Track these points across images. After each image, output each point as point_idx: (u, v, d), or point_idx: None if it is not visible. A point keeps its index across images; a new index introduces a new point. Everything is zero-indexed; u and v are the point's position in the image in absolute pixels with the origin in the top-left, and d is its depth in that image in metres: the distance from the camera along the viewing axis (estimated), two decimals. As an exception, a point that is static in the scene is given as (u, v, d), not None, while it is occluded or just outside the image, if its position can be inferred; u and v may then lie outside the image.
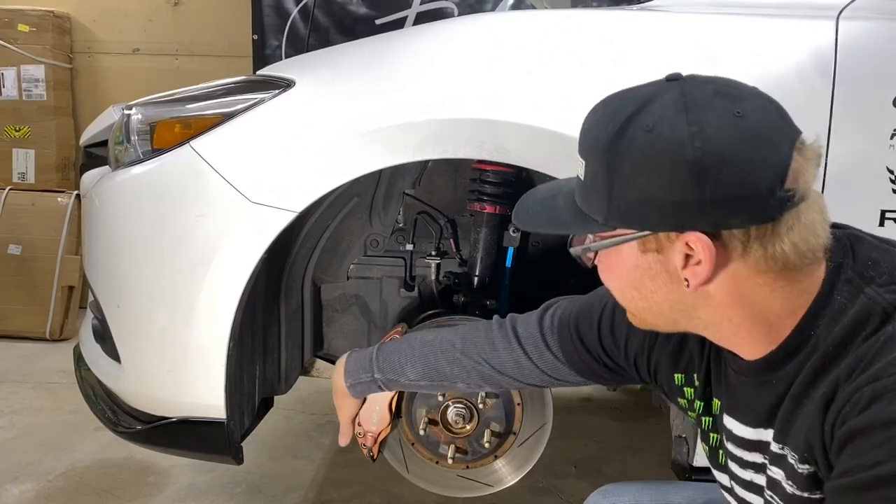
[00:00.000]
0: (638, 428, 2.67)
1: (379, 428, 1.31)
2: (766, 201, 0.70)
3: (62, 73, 3.85)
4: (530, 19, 1.41)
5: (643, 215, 0.74)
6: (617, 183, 0.74)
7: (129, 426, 1.53)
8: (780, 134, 0.72)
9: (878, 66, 1.26)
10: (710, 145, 0.70)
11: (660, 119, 0.72)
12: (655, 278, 0.78)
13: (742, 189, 0.70)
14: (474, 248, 1.63)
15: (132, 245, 1.43)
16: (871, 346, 0.71)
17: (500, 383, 1.16)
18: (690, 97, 0.73)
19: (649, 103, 0.74)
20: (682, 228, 0.73)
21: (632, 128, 0.73)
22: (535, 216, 0.88)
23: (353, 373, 1.23)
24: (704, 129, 0.70)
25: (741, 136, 0.70)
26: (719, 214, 0.71)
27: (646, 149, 0.72)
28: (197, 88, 1.47)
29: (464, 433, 1.46)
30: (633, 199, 0.74)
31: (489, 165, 1.54)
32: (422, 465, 1.48)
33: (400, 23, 3.51)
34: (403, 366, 1.19)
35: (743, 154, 0.70)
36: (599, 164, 0.76)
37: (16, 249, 3.57)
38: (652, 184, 0.72)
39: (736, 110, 0.72)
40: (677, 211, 0.72)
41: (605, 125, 0.76)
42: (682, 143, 0.70)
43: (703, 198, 0.70)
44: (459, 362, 1.15)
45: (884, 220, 1.25)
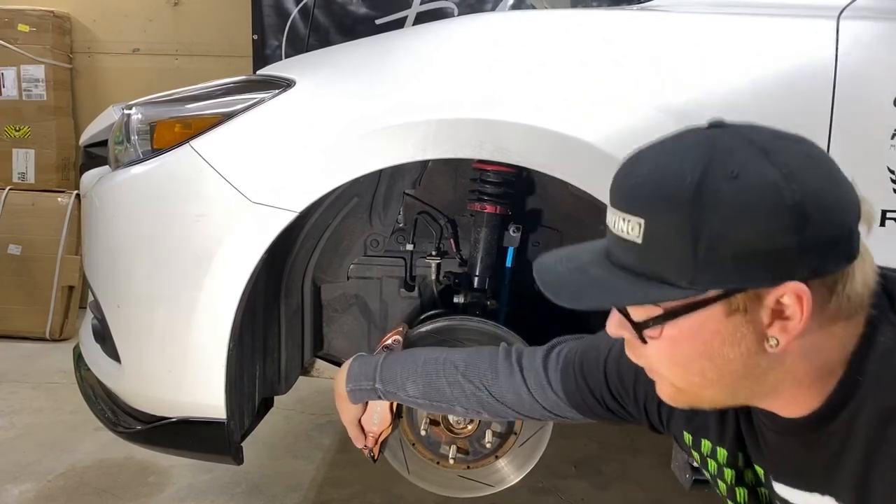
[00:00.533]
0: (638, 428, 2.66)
1: (380, 429, 1.31)
2: (851, 241, 0.68)
3: (62, 73, 3.85)
4: (530, 19, 1.41)
5: (737, 271, 0.66)
6: (703, 238, 0.66)
7: (129, 426, 1.53)
8: (842, 172, 0.69)
9: (879, 66, 1.26)
10: (805, 187, 0.65)
11: (742, 164, 0.66)
12: (739, 344, 0.70)
13: (837, 230, 0.66)
14: (474, 248, 1.63)
15: (132, 245, 1.43)
16: None
17: (498, 412, 1.14)
18: (759, 141, 0.67)
19: (718, 150, 0.67)
20: (780, 280, 0.66)
21: (711, 177, 0.66)
22: (580, 292, 0.75)
23: (356, 378, 1.23)
24: (793, 171, 0.65)
25: (826, 177, 0.67)
26: (818, 259, 0.66)
27: (737, 197, 0.65)
28: (197, 88, 1.47)
29: (465, 433, 1.46)
30: (726, 255, 0.66)
31: (489, 165, 1.54)
32: (422, 465, 1.48)
33: (400, 23, 3.51)
34: (405, 381, 1.18)
35: (832, 194, 0.67)
36: (676, 220, 0.67)
37: (16, 249, 3.57)
38: (748, 235, 0.65)
39: (807, 151, 0.69)
40: (777, 260, 0.66)
41: (671, 177, 0.68)
42: (777, 186, 0.65)
43: (804, 243, 0.65)
44: (460, 385, 1.13)
45: (884, 221, 1.25)
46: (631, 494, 2.23)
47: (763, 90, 1.25)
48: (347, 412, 1.28)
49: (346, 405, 1.27)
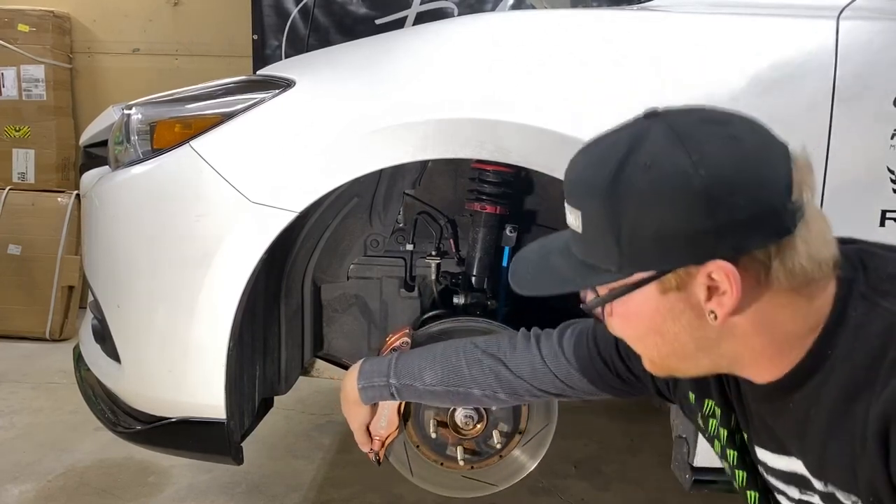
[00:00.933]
0: (638, 428, 2.67)
1: (387, 432, 1.32)
2: (780, 216, 0.70)
3: (62, 73, 3.85)
4: (530, 19, 1.41)
5: (659, 254, 0.72)
6: (624, 227, 0.72)
7: (129, 426, 1.53)
8: (775, 150, 0.72)
9: (879, 66, 1.26)
10: (715, 171, 0.69)
11: (656, 154, 0.71)
12: (679, 318, 0.75)
13: (755, 208, 0.69)
14: (472, 247, 1.63)
15: (132, 245, 1.43)
16: None
17: (515, 388, 1.15)
18: (680, 128, 0.72)
19: (639, 141, 0.72)
20: (702, 259, 0.71)
21: (629, 168, 0.71)
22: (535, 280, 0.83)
23: (368, 376, 1.23)
24: (705, 156, 0.69)
25: (742, 158, 0.70)
26: (737, 238, 0.70)
27: (649, 186, 0.70)
28: (197, 88, 1.47)
29: (472, 434, 1.46)
30: (645, 240, 0.71)
31: (488, 165, 1.54)
32: (426, 467, 1.48)
33: (400, 23, 3.51)
34: (423, 370, 1.19)
35: (748, 174, 0.70)
36: (600, 210, 0.73)
37: (16, 249, 3.57)
38: (662, 221, 0.70)
39: (729, 133, 0.71)
40: (694, 242, 0.70)
41: (596, 170, 0.74)
42: (686, 173, 0.69)
43: (719, 224, 0.69)
44: (479, 363, 1.16)
45: (884, 221, 1.25)
46: (631, 494, 2.24)
47: (763, 90, 1.25)
48: (356, 416, 1.28)
49: (356, 409, 1.26)
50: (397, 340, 1.37)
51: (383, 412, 1.30)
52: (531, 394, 1.15)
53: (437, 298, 1.71)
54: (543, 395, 1.15)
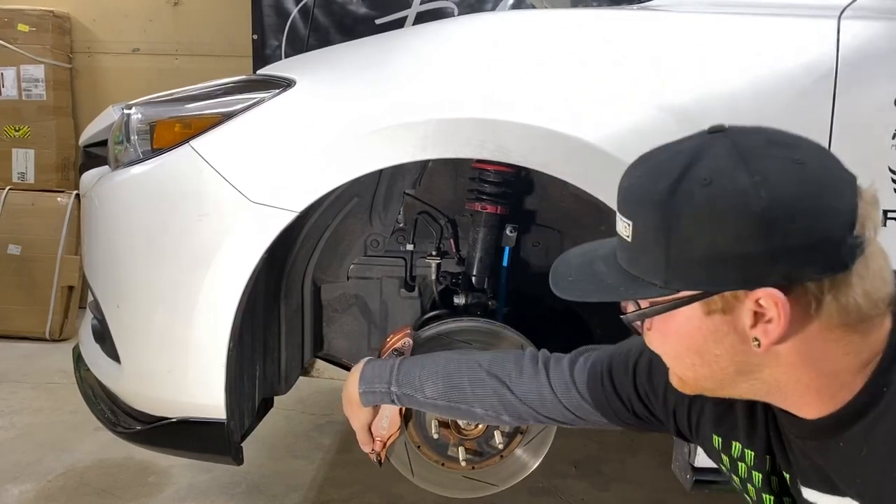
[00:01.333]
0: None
1: (389, 433, 1.31)
2: (838, 249, 0.67)
3: (62, 73, 3.85)
4: (530, 19, 1.41)
5: (708, 274, 0.70)
6: (675, 241, 0.70)
7: (129, 426, 1.53)
8: (842, 179, 0.69)
9: (880, 66, 1.26)
10: (776, 194, 0.67)
11: (717, 171, 0.69)
12: (722, 341, 0.73)
13: (813, 237, 0.67)
14: (472, 247, 1.63)
15: (132, 245, 1.43)
16: None
17: (520, 413, 1.12)
18: (743, 147, 0.69)
19: (701, 156, 0.70)
20: (753, 285, 0.69)
21: (687, 182, 0.69)
22: (577, 284, 0.82)
23: (369, 381, 1.21)
24: (768, 178, 0.67)
25: (806, 183, 0.68)
26: (791, 266, 0.67)
27: (706, 203, 0.68)
28: (197, 88, 1.47)
29: (473, 435, 1.46)
30: (695, 258, 0.70)
31: (488, 165, 1.54)
32: (427, 467, 1.47)
33: (400, 23, 3.50)
34: (424, 381, 1.16)
35: (811, 201, 0.67)
36: (653, 222, 0.71)
37: (16, 249, 3.57)
38: (716, 239, 0.68)
39: (795, 157, 0.69)
40: (746, 266, 0.68)
41: (654, 181, 0.72)
42: (746, 193, 0.67)
43: (774, 250, 0.67)
44: (483, 383, 1.12)
45: (886, 221, 1.25)
46: (631, 494, 2.23)
47: (763, 90, 1.25)
48: (358, 417, 1.27)
49: (357, 410, 1.25)
50: (398, 341, 1.37)
51: (385, 413, 1.29)
52: (536, 419, 1.12)
53: (437, 298, 1.71)
54: (549, 421, 1.12)
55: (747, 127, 0.74)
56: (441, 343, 1.47)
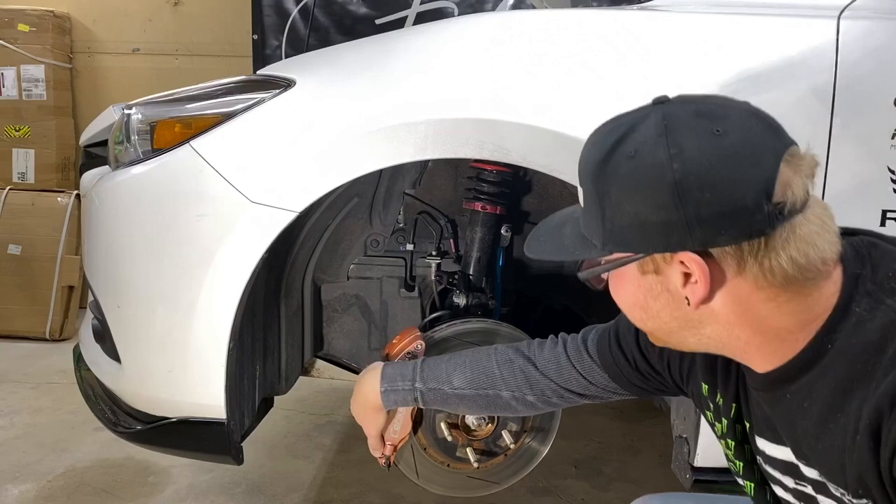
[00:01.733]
0: (638, 428, 2.67)
1: (400, 437, 1.31)
2: (752, 216, 0.71)
3: (62, 72, 3.85)
4: (530, 19, 1.41)
5: (635, 238, 0.76)
6: (607, 208, 0.77)
7: (129, 426, 1.53)
8: (762, 149, 0.72)
9: (880, 66, 1.26)
10: (689, 166, 0.71)
11: (642, 144, 0.74)
12: (658, 298, 0.79)
13: (725, 206, 0.71)
14: (470, 246, 1.63)
15: (132, 245, 1.43)
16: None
17: (542, 389, 1.15)
18: (671, 119, 0.74)
19: (634, 129, 0.76)
20: (673, 249, 0.74)
21: (616, 154, 0.76)
22: (542, 244, 0.90)
23: (391, 379, 1.20)
24: (683, 150, 0.72)
25: (720, 155, 0.71)
26: (706, 233, 0.72)
27: (629, 174, 0.75)
28: (197, 88, 1.47)
29: (481, 435, 1.46)
30: (623, 224, 0.76)
31: (486, 164, 1.54)
32: (432, 469, 1.47)
33: (400, 23, 3.50)
34: (451, 373, 1.18)
35: (723, 172, 0.71)
36: (590, 190, 0.79)
37: (16, 249, 3.57)
38: (638, 208, 0.74)
39: (715, 129, 0.72)
40: (665, 232, 0.73)
41: (593, 152, 0.79)
42: (662, 166, 0.72)
43: (688, 218, 0.72)
44: (510, 362, 1.16)
45: (885, 220, 1.25)
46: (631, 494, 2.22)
47: (763, 90, 1.25)
48: (374, 422, 1.25)
49: (373, 415, 1.24)
50: (409, 344, 1.35)
51: (398, 417, 1.28)
52: (558, 394, 1.15)
53: (436, 298, 1.71)
54: (570, 395, 1.15)
55: (688, 96, 0.78)
56: (451, 345, 1.47)
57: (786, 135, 0.75)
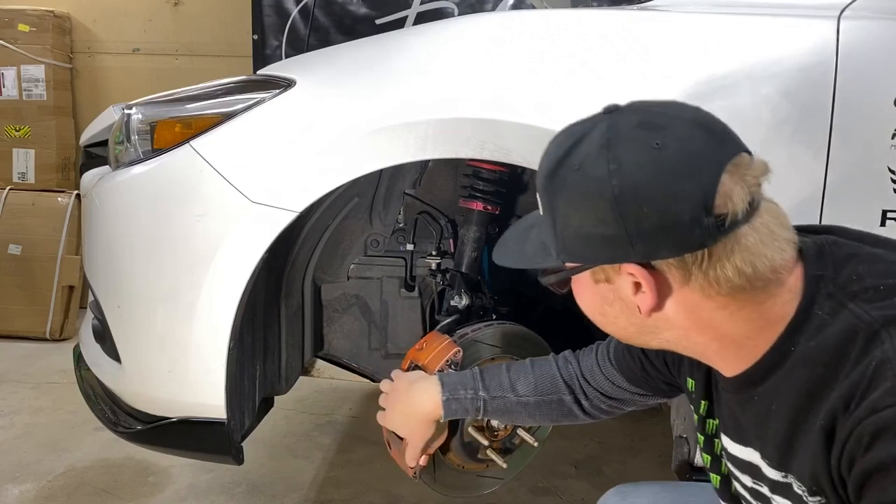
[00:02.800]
0: (638, 428, 2.67)
1: (436, 445, 1.30)
2: (690, 230, 0.71)
3: (62, 73, 3.85)
4: (530, 19, 1.41)
5: (583, 250, 0.77)
6: (557, 220, 0.78)
7: (129, 426, 1.53)
8: (701, 161, 0.72)
9: (880, 66, 1.26)
10: (626, 182, 0.72)
11: (585, 157, 0.75)
12: (613, 305, 0.80)
13: (664, 221, 0.71)
14: (463, 245, 1.62)
15: (132, 245, 1.43)
16: (864, 372, 0.69)
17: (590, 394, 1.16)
18: (614, 132, 0.74)
19: (581, 141, 0.76)
20: (619, 261, 0.75)
21: (564, 167, 0.76)
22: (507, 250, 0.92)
23: (452, 388, 1.17)
24: (622, 166, 0.72)
25: (657, 170, 0.72)
26: (647, 246, 0.73)
27: (574, 188, 0.76)
28: (197, 88, 1.47)
29: (502, 435, 1.45)
30: (571, 235, 0.77)
31: (483, 163, 1.53)
32: (448, 472, 1.47)
33: (400, 23, 3.50)
34: (514, 381, 1.17)
35: (660, 187, 0.71)
36: (543, 201, 0.80)
37: (16, 249, 3.57)
38: (583, 221, 0.75)
39: (655, 142, 0.72)
40: (610, 245, 0.74)
41: (545, 163, 0.80)
42: (601, 181, 0.73)
43: (629, 232, 0.72)
44: (567, 365, 1.18)
45: (885, 220, 1.25)
46: (631, 494, 2.23)
47: (763, 90, 1.25)
48: (423, 433, 1.22)
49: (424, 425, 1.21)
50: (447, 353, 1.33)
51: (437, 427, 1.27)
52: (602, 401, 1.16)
53: (436, 299, 1.71)
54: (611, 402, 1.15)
55: (638, 104, 0.79)
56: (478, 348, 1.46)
57: (733, 143, 0.75)
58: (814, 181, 1.24)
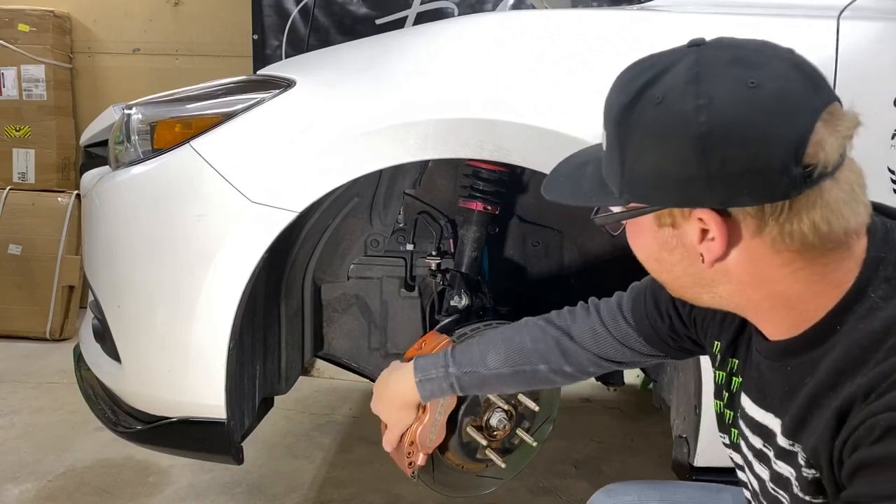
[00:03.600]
0: (638, 428, 2.67)
1: (435, 444, 1.30)
2: (778, 178, 0.67)
3: (62, 73, 3.85)
4: (530, 19, 1.41)
5: (653, 190, 0.73)
6: (628, 156, 0.73)
7: (129, 426, 1.53)
8: (798, 105, 0.68)
9: (879, 66, 1.26)
10: (716, 120, 0.67)
11: (670, 90, 0.70)
12: (673, 252, 0.76)
13: (751, 165, 0.67)
14: (463, 245, 1.61)
15: (132, 245, 1.43)
16: (893, 365, 0.67)
17: (580, 359, 1.12)
18: (705, 66, 0.70)
19: (664, 73, 0.71)
20: (692, 205, 0.71)
21: (643, 100, 0.72)
22: (560, 185, 0.86)
23: (424, 369, 1.17)
24: (713, 101, 0.68)
25: (752, 109, 0.67)
26: (728, 191, 0.69)
27: (653, 123, 0.71)
28: (197, 88, 1.47)
29: (501, 435, 1.46)
30: (642, 174, 0.73)
31: (483, 163, 1.53)
32: (447, 471, 1.47)
33: (400, 23, 3.50)
34: (485, 354, 1.15)
35: (753, 128, 0.67)
36: (613, 135, 0.75)
37: (16, 249, 3.57)
38: (659, 159, 0.71)
39: (750, 80, 0.68)
40: (685, 187, 0.70)
41: (619, 95, 0.75)
42: (687, 117, 0.68)
43: (711, 174, 0.68)
44: (544, 336, 1.13)
45: (884, 220, 1.25)
46: (631, 494, 2.23)
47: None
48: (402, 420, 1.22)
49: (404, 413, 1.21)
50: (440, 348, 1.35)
51: (435, 421, 1.28)
52: (595, 364, 1.13)
53: (436, 299, 1.71)
54: (606, 363, 1.12)
55: (727, 40, 0.73)
56: None
57: (828, 90, 0.70)
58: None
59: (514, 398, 1.45)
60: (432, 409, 1.30)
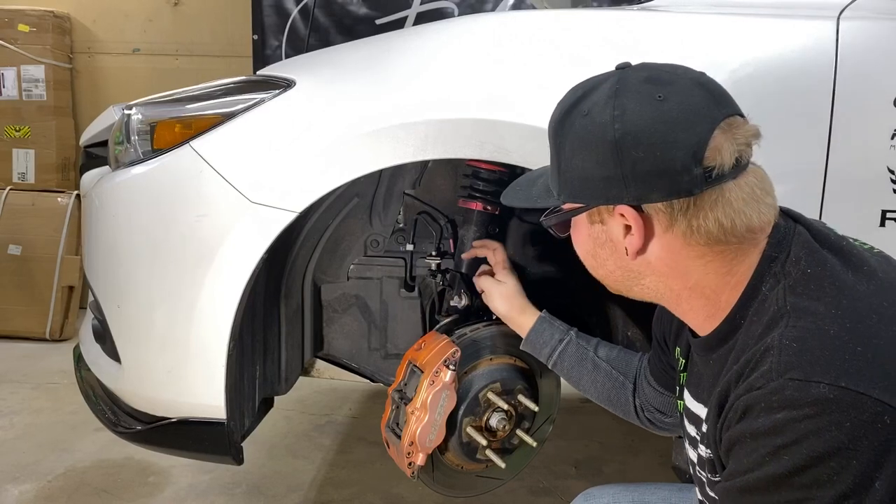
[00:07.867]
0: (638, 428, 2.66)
1: (435, 444, 1.31)
2: (681, 177, 0.78)
3: (62, 73, 3.85)
4: (531, 19, 1.41)
5: (582, 191, 0.85)
6: (562, 161, 0.86)
7: (129, 426, 1.53)
8: (699, 115, 0.79)
9: (880, 66, 1.26)
10: (628, 127, 0.79)
11: (594, 105, 0.82)
12: (604, 247, 0.88)
13: (657, 165, 0.78)
14: (463, 245, 1.61)
15: (132, 245, 1.43)
16: (756, 351, 0.76)
17: (640, 396, 1.26)
18: (623, 84, 0.82)
19: (592, 91, 0.84)
20: (613, 202, 0.83)
21: (574, 113, 0.84)
22: (515, 194, 1.01)
23: (549, 320, 1.35)
24: (626, 112, 0.80)
25: (657, 119, 0.79)
26: (640, 189, 0.80)
27: (580, 131, 0.83)
28: (197, 88, 1.47)
29: (500, 436, 1.46)
30: (573, 176, 0.85)
31: (483, 163, 1.53)
32: (447, 472, 1.47)
33: (400, 23, 3.50)
34: (599, 344, 1.30)
35: (658, 134, 0.78)
36: (552, 145, 0.88)
37: (16, 249, 3.57)
38: (585, 162, 0.83)
39: (658, 94, 0.80)
40: (606, 186, 0.82)
41: (557, 110, 0.88)
42: (605, 126, 0.80)
43: (625, 174, 0.80)
44: (639, 364, 1.27)
45: (885, 221, 1.25)
46: (631, 494, 2.23)
47: (763, 90, 1.25)
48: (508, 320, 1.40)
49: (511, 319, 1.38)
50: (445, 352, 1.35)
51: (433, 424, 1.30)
52: (647, 407, 1.26)
53: (436, 299, 1.71)
54: (653, 413, 1.26)
55: (647, 64, 0.86)
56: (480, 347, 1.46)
57: (729, 104, 0.82)
58: (813, 181, 1.24)
59: (514, 398, 1.45)
60: (432, 409, 1.30)
